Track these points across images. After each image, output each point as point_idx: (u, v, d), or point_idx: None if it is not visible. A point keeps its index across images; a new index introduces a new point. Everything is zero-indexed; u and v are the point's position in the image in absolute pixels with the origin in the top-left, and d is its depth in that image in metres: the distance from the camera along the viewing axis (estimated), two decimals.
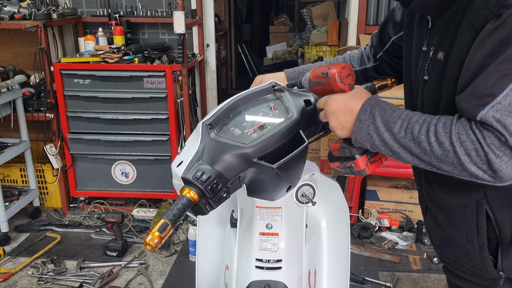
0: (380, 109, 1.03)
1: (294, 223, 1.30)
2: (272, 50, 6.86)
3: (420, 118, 0.99)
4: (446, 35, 1.08)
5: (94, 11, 3.89)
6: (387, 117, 1.02)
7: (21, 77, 3.29)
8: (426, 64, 1.17)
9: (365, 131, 1.04)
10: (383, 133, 1.01)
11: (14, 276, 2.91)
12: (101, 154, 3.51)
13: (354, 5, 3.74)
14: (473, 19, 0.98)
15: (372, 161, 1.13)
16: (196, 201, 1.04)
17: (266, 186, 1.15)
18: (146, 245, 0.96)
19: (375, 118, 1.02)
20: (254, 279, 1.25)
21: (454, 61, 1.04)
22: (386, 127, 1.01)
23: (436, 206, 1.27)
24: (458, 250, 1.24)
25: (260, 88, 1.24)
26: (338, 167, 1.19)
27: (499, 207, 1.12)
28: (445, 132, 0.95)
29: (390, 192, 3.46)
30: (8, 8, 3.39)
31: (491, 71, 0.92)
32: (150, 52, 3.41)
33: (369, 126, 1.03)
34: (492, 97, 0.91)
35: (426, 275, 2.93)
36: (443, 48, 1.09)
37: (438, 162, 0.97)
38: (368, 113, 1.03)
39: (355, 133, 1.05)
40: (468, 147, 0.93)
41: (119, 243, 3.12)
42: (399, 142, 1.00)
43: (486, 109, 0.91)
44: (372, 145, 1.04)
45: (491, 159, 0.92)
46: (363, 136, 1.04)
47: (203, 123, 1.14)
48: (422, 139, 0.97)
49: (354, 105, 1.06)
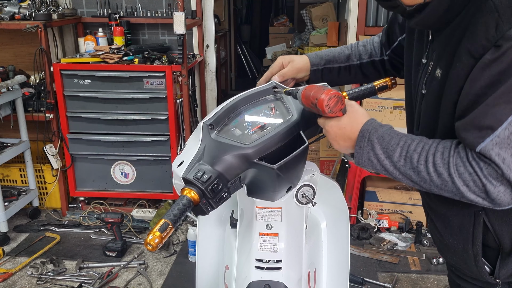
0: (378, 136, 1.05)
1: (294, 223, 1.30)
2: (271, 51, 6.86)
3: (418, 146, 1.01)
4: (444, 52, 1.09)
5: (94, 11, 3.89)
6: (385, 144, 1.04)
7: (21, 77, 3.29)
8: (425, 78, 1.18)
9: (366, 156, 1.07)
10: (383, 160, 1.04)
11: (13, 276, 2.91)
12: (101, 154, 3.51)
13: (354, 6, 3.74)
14: (471, 46, 0.98)
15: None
16: (197, 201, 1.04)
17: (266, 187, 1.16)
18: (147, 245, 0.96)
19: (374, 146, 1.05)
20: (254, 279, 1.25)
21: (452, 85, 1.05)
22: (385, 154, 1.04)
23: (434, 214, 1.29)
24: (456, 256, 1.26)
25: (261, 89, 1.25)
26: None
27: (497, 219, 1.13)
28: (443, 163, 0.98)
29: (389, 193, 3.47)
30: (9, 8, 3.39)
31: (490, 104, 0.94)
32: (150, 52, 3.41)
33: (369, 152, 1.06)
34: (491, 130, 0.94)
35: (425, 276, 2.94)
36: (441, 65, 1.10)
37: (438, 190, 1.01)
38: (367, 140, 1.06)
39: (357, 158, 1.09)
40: (466, 179, 0.96)
41: (119, 243, 3.12)
42: (399, 170, 1.03)
43: (486, 142, 0.94)
44: (374, 169, 1.08)
45: (489, 190, 0.95)
46: (365, 161, 1.08)
47: (204, 123, 1.15)
48: (421, 169, 1.00)
49: (351, 133, 1.09)
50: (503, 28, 0.93)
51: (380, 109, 3.28)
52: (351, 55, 1.51)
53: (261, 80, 1.37)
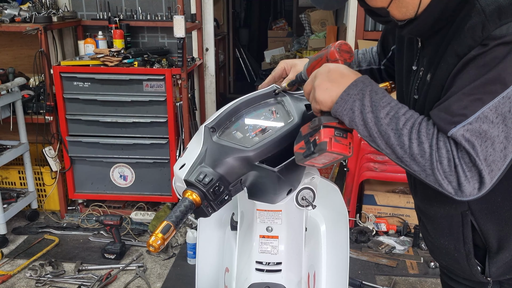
0: (372, 90, 1.02)
1: (294, 226, 1.31)
2: (270, 55, 6.88)
3: (407, 112, 1.00)
4: (434, 57, 1.11)
5: (94, 14, 3.90)
6: (377, 99, 1.01)
7: (20, 80, 3.29)
8: (417, 84, 1.19)
9: (349, 105, 1.02)
10: (367, 113, 1.00)
11: (12, 278, 2.91)
12: (100, 157, 3.52)
13: (353, 11, 3.76)
14: (458, 47, 1.00)
15: (338, 140, 1.05)
16: (198, 204, 1.05)
17: (267, 189, 1.16)
18: (149, 246, 0.97)
19: (364, 96, 1.01)
20: (254, 281, 1.26)
21: (436, 83, 1.07)
22: (372, 107, 1.00)
23: (425, 216, 1.31)
24: (448, 257, 1.28)
25: (262, 92, 1.26)
26: (301, 148, 1.09)
27: (483, 219, 1.15)
28: (427, 133, 0.97)
29: (387, 196, 3.48)
30: (9, 11, 3.40)
31: (466, 93, 0.95)
32: (149, 55, 3.43)
33: (356, 101, 1.01)
34: (464, 117, 0.94)
35: (423, 280, 2.95)
36: (431, 70, 1.12)
37: (410, 159, 0.98)
38: (359, 90, 1.02)
39: (338, 104, 1.03)
40: (443, 155, 0.95)
41: (117, 245, 3.13)
42: (381, 127, 0.99)
43: (457, 127, 0.94)
44: (350, 120, 1.02)
45: (459, 173, 0.95)
46: (345, 110, 1.02)
47: (206, 126, 1.16)
48: (404, 133, 0.98)
49: (348, 75, 1.05)
50: (489, 28, 0.95)
51: None
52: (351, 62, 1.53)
53: (263, 84, 1.37)
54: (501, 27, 0.94)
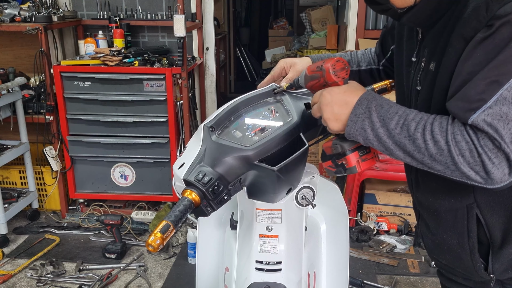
0: (377, 104, 1.03)
1: (294, 225, 1.31)
2: (271, 54, 6.87)
3: (416, 116, 1.00)
4: (436, 46, 1.10)
5: (94, 14, 3.90)
6: (383, 112, 1.02)
7: (21, 79, 3.29)
8: (419, 75, 1.18)
9: (360, 125, 1.03)
10: (378, 128, 1.01)
11: (13, 278, 2.91)
12: (101, 156, 3.52)
13: (353, 10, 3.76)
14: (464, 30, 0.99)
15: (364, 159, 1.12)
16: (198, 203, 1.05)
17: (266, 189, 1.16)
18: (148, 246, 0.96)
19: (371, 113, 1.02)
20: (254, 281, 1.26)
21: (444, 71, 1.06)
22: (381, 122, 1.01)
23: (427, 211, 1.28)
24: (449, 254, 1.26)
25: (261, 92, 1.26)
26: (330, 166, 1.17)
27: (489, 211, 1.13)
28: (441, 131, 0.96)
29: (388, 195, 3.47)
30: (9, 10, 3.40)
31: (481, 77, 0.94)
32: (150, 55, 3.42)
33: (364, 120, 1.03)
34: (483, 102, 0.93)
35: (424, 279, 2.94)
36: (433, 59, 1.10)
37: (431, 160, 0.98)
38: (364, 108, 1.03)
39: (349, 126, 1.05)
40: (463, 148, 0.94)
41: (118, 245, 3.13)
42: (394, 138, 1.00)
43: (477, 113, 0.93)
44: (365, 139, 1.04)
45: (484, 161, 0.93)
46: (357, 130, 1.04)
47: (205, 125, 1.15)
48: (418, 137, 0.97)
49: (350, 98, 1.06)
50: (493, 8, 0.94)
51: None
52: (351, 61, 1.54)
53: (263, 83, 1.37)
54: (505, 6, 0.93)
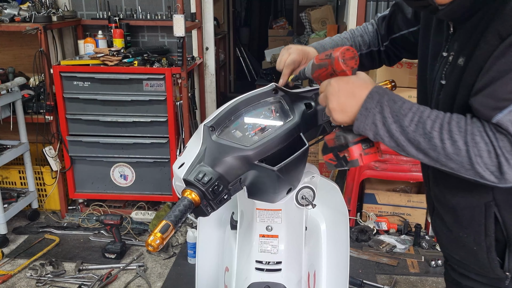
0: (389, 99, 1.01)
1: (294, 225, 1.31)
2: (270, 54, 6.86)
3: (432, 114, 0.98)
4: (468, 41, 1.06)
5: (94, 14, 3.90)
6: (396, 108, 0.99)
7: (20, 79, 3.29)
8: (445, 69, 1.15)
9: (371, 120, 1.01)
10: (390, 124, 0.99)
11: (12, 278, 2.91)
12: (100, 156, 3.52)
13: (353, 9, 3.76)
14: (501, 27, 0.96)
15: (367, 153, 1.08)
16: (198, 203, 1.05)
17: (266, 188, 1.16)
18: (148, 246, 0.96)
19: (383, 108, 1.00)
20: (254, 280, 1.26)
21: (473, 66, 1.03)
22: (394, 118, 0.99)
23: (444, 207, 1.26)
24: (465, 250, 1.24)
25: (261, 91, 1.25)
26: (331, 160, 1.13)
27: (507, 210, 1.12)
28: (459, 131, 0.95)
29: (388, 195, 3.47)
30: (8, 10, 3.40)
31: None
32: (149, 55, 3.42)
33: (376, 115, 1.00)
34: (510, 101, 0.91)
35: (424, 279, 2.94)
36: (464, 53, 1.07)
37: (446, 159, 0.97)
38: (376, 102, 1.01)
39: (359, 121, 1.02)
40: (481, 148, 0.93)
41: (118, 245, 3.13)
42: (407, 135, 0.98)
43: (504, 112, 0.91)
44: (375, 134, 1.02)
45: (501, 162, 0.92)
46: (367, 125, 1.01)
47: (205, 125, 1.15)
48: (435, 135, 0.96)
49: (359, 91, 1.03)
50: None
51: None
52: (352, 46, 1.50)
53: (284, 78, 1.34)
54: None
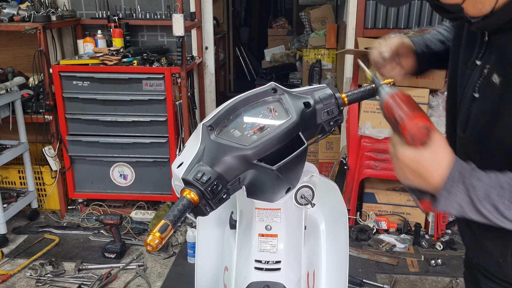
0: (471, 176, 0.95)
1: (293, 224, 1.30)
2: (270, 53, 6.87)
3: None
4: (503, 58, 1.00)
5: (93, 13, 3.90)
6: (481, 187, 0.93)
7: (20, 79, 3.29)
8: (479, 81, 1.08)
9: (456, 202, 0.95)
10: (477, 204, 0.94)
11: (12, 278, 2.91)
12: (100, 156, 3.52)
13: (353, 9, 3.75)
14: None
15: None
16: (196, 202, 1.04)
17: (265, 188, 1.16)
18: (147, 246, 0.96)
19: (469, 190, 0.94)
20: (253, 280, 1.25)
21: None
22: (484, 197, 0.93)
23: None
24: (490, 259, 1.20)
25: (260, 90, 1.25)
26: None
27: None
28: None
29: (388, 194, 3.47)
30: (8, 10, 3.40)
31: None
32: (149, 54, 3.42)
33: (463, 198, 0.94)
34: None
35: (423, 278, 2.94)
36: (499, 72, 1.00)
37: None
38: (461, 185, 0.94)
39: (442, 204, 0.97)
40: None
41: (118, 245, 3.13)
42: (503, 214, 0.93)
43: None
44: (459, 213, 0.97)
45: None
46: (452, 208, 0.96)
47: (204, 124, 1.15)
48: None
49: (429, 175, 0.96)
50: None
51: (379, 110, 3.29)
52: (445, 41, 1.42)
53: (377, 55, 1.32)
54: None
